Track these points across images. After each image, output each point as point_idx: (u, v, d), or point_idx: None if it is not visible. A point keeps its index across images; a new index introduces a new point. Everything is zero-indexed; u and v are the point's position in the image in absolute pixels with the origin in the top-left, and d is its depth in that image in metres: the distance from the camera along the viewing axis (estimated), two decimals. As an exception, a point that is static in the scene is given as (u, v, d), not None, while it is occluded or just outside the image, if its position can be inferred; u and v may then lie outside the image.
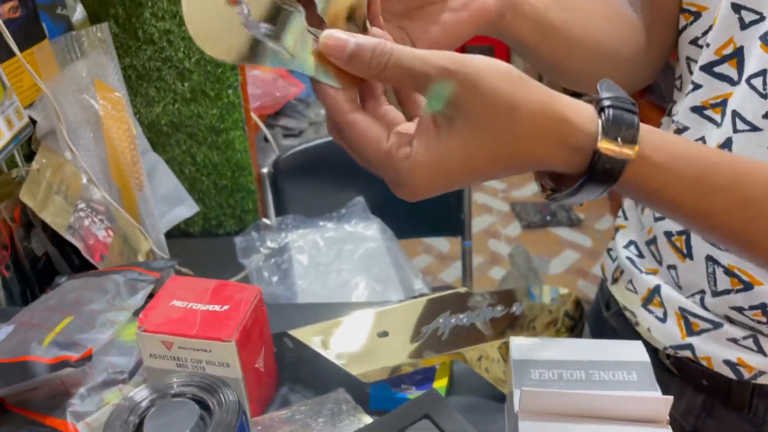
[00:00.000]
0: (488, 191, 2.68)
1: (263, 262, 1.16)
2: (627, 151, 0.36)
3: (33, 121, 0.87)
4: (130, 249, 0.95)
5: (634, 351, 0.53)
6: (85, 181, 0.92)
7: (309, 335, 0.62)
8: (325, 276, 1.09)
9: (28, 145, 0.90)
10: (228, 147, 1.13)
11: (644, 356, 0.52)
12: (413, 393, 0.60)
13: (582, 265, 2.28)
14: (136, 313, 0.66)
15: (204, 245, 1.24)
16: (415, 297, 0.67)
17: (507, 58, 3.13)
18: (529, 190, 2.69)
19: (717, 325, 0.57)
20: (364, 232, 1.23)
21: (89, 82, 0.93)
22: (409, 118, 0.41)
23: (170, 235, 1.17)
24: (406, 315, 0.63)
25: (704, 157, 0.39)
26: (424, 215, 1.43)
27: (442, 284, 1.35)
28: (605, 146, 0.36)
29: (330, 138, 1.33)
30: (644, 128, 0.38)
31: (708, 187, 0.39)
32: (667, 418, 0.45)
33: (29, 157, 0.90)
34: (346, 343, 0.61)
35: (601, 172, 0.37)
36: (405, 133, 0.38)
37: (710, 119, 0.54)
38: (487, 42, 3.08)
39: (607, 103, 0.37)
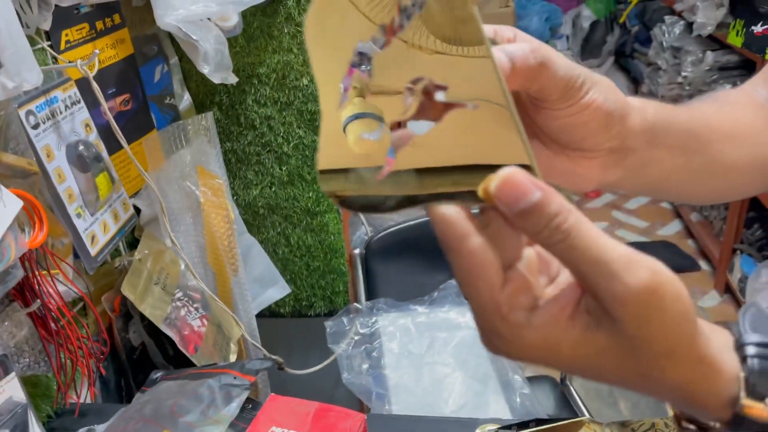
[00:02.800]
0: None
1: (353, 348, 1.12)
2: None
3: (137, 209, 0.87)
4: (223, 337, 0.94)
5: None
6: (183, 267, 0.92)
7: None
8: (418, 368, 1.04)
9: (132, 232, 0.91)
10: (322, 229, 1.11)
11: None
12: None
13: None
14: (231, 425, 0.62)
15: (294, 326, 1.22)
16: (528, 424, 0.60)
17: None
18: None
19: None
20: (457, 319, 1.17)
21: (192, 169, 0.94)
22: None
23: (261, 315, 1.15)
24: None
25: None
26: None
27: (537, 374, 1.26)
28: (750, 405, 0.29)
29: (422, 218, 1.30)
30: None
31: None
32: None
33: (132, 243, 0.91)
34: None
35: None
36: (526, 294, 0.30)
37: None
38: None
39: (752, 351, 0.30)
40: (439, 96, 0.32)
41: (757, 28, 1.68)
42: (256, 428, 0.53)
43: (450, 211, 0.30)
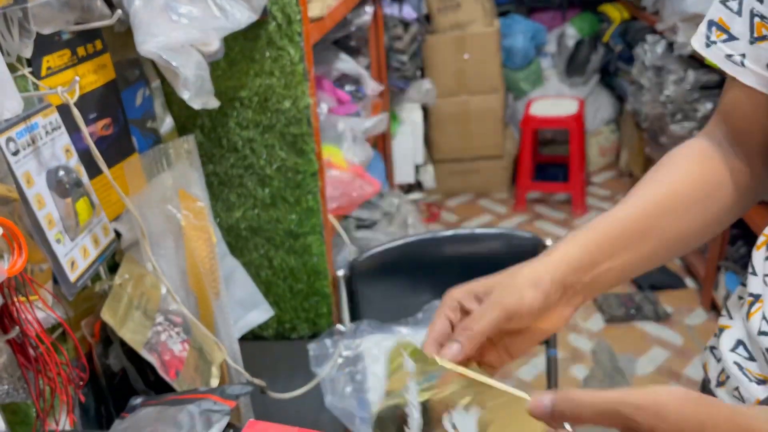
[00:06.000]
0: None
1: (337, 370, 1.12)
2: None
3: (118, 234, 0.87)
4: (205, 362, 0.93)
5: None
6: (164, 291, 0.92)
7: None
8: (401, 391, 1.04)
9: (113, 256, 0.90)
10: (305, 251, 1.11)
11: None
12: None
13: (673, 366, 2.11)
14: (209, 453, 0.62)
15: (277, 349, 1.22)
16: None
17: (581, 140, 3.07)
18: (610, 279, 2.55)
19: None
20: (441, 340, 1.16)
21: (173, 193, 0.95)
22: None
23: (244, 338, 1.14)
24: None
25: None
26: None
27: (521, 386, 1.25)
28: None
29: (406, 239, 1.30)
30: None
31: None
32: None
33: (113, 268, 0.91)
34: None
35: None
36: None
37: None
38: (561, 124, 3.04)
39: None
40: None
41: (735, 50, 1.71)
42: (232, 456, 0.53)
43: None
